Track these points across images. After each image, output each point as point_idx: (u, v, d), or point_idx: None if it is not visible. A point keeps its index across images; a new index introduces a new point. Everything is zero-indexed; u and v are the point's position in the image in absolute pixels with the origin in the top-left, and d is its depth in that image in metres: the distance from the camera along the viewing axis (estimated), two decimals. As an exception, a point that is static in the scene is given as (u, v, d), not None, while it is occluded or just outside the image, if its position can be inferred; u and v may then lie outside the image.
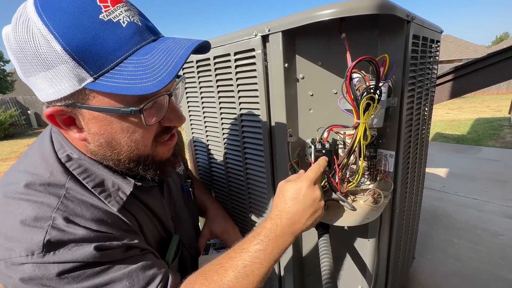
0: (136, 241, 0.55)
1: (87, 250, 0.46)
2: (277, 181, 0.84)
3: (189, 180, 0.90)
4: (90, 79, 0.41)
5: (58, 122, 0.47)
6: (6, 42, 0.42)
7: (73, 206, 0.49)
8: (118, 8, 0.43)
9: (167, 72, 0.41)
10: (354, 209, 0.79)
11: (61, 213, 0.47)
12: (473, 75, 2.04)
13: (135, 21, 0.44)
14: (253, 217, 0.97)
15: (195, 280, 0.54)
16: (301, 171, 0.68)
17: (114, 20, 0.41)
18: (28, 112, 12.70)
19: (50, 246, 0.44)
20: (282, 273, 0.97)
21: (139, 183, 0.58)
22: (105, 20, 0.41)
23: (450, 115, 8.50)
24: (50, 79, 0.41)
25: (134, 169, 0.54)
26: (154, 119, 0.49)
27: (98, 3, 0.41)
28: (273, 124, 0.79)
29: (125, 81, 0.41)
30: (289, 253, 0.91)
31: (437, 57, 1.12)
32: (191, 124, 1.11)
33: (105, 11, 0.41)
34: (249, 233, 0.59)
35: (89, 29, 0.39)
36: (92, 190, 0.52)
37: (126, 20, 0.43)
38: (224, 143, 0.97)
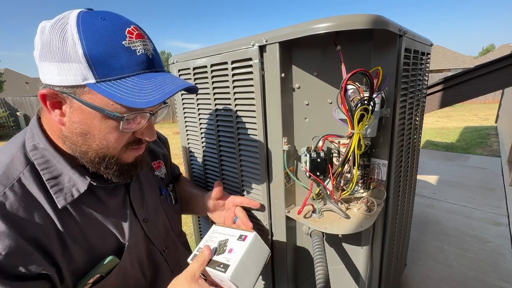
0: (39, 268, 0.52)
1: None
2: (272, 189, 0.85)
3: (171, 185, 0.89)
4: (92, 80, 0.50)
5: (47, 102, 0.53)
6: (40, 31, 0.52)
7: (13, 199, 0.52)
8: (139, 41, 0.53)
9: (156, 98, 0.50)
10: (348, 217, 0.80)
11: None
12: (461, 86, 2.10)
13: (148, 53, 0.55)
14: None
15: None
16: (205, 253, 0.66)
17: (132, 48, 0.52)
18: (17, 113, 12.37)
19: None
20: (276, 281, 0.97)
21: (95, 183, 0.61)
22: (126, 46, 0.51)
23: (439, 123, 8.71)
24: (61, 69, 0.50)
25: (96, 166, 0.59)
26: (131, 128, 0.57)
27: (125, 33, 0.52)
28: (269, 132, 0.80)
29: (121, 93, 0.50)
30: (283, 260, 0.91)
31: (427, 69, 1.16)
32: (187, 131, 1.11)
33: (129, 40, 0.52)
34: None
35: (111, 47, 0.50)
36: (46, 182, 0.56)
37: (141, 51, 0.53)
38: (220, 150, 0.97)
